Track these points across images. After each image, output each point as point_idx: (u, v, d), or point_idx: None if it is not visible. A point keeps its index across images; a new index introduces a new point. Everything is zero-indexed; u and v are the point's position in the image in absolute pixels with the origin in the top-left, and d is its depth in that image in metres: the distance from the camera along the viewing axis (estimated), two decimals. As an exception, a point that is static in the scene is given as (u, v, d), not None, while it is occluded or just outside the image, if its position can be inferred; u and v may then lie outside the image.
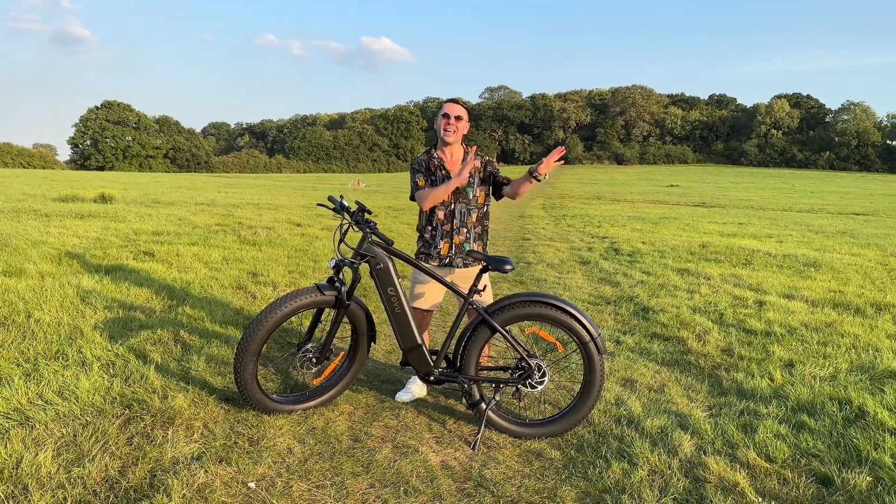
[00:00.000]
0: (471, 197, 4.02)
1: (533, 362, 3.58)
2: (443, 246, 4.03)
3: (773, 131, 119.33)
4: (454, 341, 3.74)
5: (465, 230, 4.03)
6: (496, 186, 4.13)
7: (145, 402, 3.52)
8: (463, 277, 4.04)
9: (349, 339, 3.88)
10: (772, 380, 4.38)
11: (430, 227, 4.09)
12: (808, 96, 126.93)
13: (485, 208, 4.12)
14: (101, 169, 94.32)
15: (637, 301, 7.08)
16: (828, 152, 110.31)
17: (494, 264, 3.52)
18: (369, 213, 3.63)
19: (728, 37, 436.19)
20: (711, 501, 2.79)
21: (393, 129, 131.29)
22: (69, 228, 10.46)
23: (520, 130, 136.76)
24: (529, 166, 4.01)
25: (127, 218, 12.89)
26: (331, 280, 3.56)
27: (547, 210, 23.80)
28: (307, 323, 5.27)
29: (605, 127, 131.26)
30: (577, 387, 4.33)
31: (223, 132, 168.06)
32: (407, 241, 12.10)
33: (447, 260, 4.03)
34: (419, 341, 3.62)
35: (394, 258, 3.63)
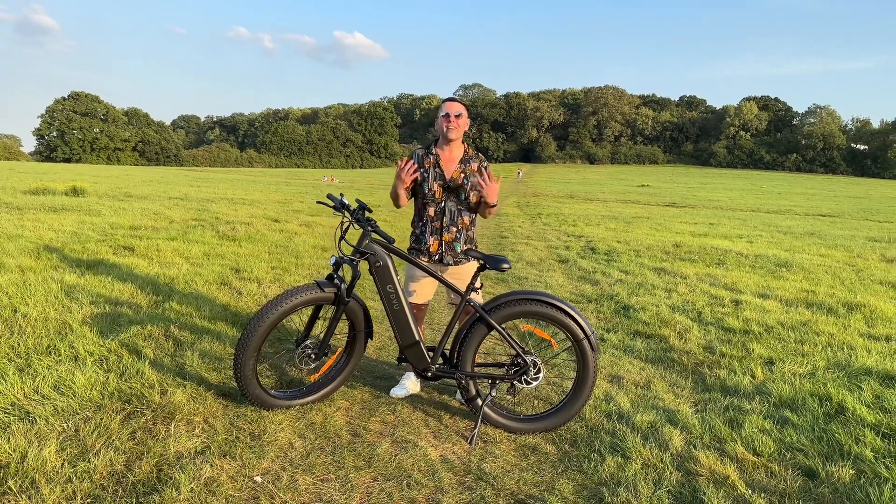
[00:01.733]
0: (462, 198, 4.07)
1: (529, 359, 3.66)
2: (432, 242, 4.08)
3: (742, 133, 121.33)
4: (451, 338, 3.80)
5: (454, 229, 4.08)
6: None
7: (144, 397, 3.52)
8: (455, 275, 4.10)
9: (345, 335, 3.93)
10: (753, 377, 4.52)
11: (420, 223, 4.14)
12: (776, 99, 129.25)
13: (475, 214, 4.18)
14: (68, 161, 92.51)
15: (617, 299, 7.21)
16: (794, 154, 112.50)
17: (492, 263, 3.58)
18: (370, 211, 3.67)
19: (699, 40, 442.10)
20: (705, 493, 2.89)
21: (367, 124, 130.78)
22: (44, 222, 10.30)
23: (494, 128, 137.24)
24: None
25: (101, 212, 12.72)
26: (330, 277, 3.60)
27: (522, 208, 23.98)
28: (299, 319, 5.30)
29: (578, 126, 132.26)
30: (567, 383, 4.45)
31: (193, 125, 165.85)
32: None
33: (437, 257, 4.08)
34: (417, 338, 3.67)
35: (393, 256, 3.68)
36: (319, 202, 3.85)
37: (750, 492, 2.92)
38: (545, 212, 22.03)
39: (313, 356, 3.68)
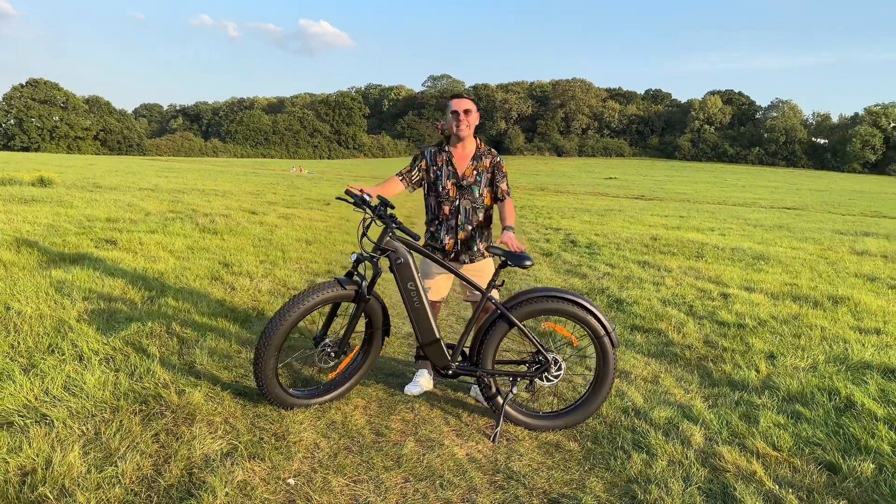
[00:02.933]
0: (476, 195, 4.03)
1: (550, 356, 3.66)
2: (448, 241, 4.04)
3: (706, 126, 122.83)
4: (470, 336, 3.78)
5: (469, 227, 4.05)
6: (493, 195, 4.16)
7: (162, 397, 3.43)
8: (471, 272, 4.06)
9: (362, 332, 3.88)
10: (758, 371, 4.59)
11: (436, 222, 4.10)
12: (740, 93, 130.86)
13: (491, 210, 4.16)
14: (27, 150, 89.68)
15: (609, 293, 7.26)
16: (757, 148, 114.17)
17: (514, 260, 3.56)
18: (392, 207, 3.62)
19: (665, 34, 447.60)
20: (735, 489, 2.93)
21: (334, 114, 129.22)
22: (17, 214, 10.01)
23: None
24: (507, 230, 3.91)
25: (74, 203, 12.41)
26: (349, 274, 3.55)
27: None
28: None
29: (546, 119, 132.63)
30: (578, 380, 4.47)
31: (156, 114, 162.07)
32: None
33: (452, 255, 4.06)
34: (437, 335, 3.64)
35: (413, 253, 3.64)
36: (339, 198, 3.79)
37: (778, 487, 2.96)
38: (519, 203, 22.09)
39: (332, 354, 3.63)
